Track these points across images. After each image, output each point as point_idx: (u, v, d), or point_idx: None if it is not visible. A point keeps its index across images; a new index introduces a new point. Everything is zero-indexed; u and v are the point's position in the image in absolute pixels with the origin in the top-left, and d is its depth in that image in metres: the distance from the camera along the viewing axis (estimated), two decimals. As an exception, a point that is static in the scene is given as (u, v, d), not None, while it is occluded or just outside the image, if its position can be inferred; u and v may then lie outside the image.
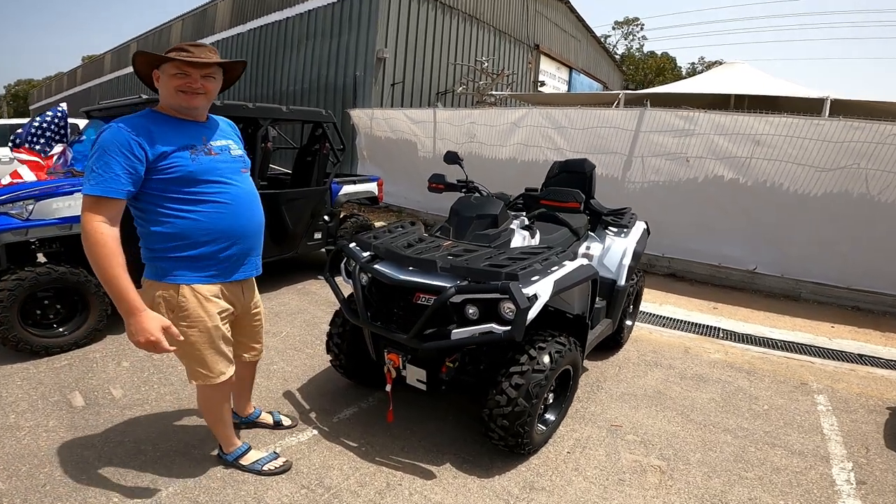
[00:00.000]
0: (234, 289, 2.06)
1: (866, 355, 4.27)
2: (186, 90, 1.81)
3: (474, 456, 2.54)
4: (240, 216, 1.96)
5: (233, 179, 1.95)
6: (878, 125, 5.12)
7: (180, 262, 1.88)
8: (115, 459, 2.35)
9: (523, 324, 2.12)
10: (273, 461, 2.33)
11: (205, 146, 1.89)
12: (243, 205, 1.98)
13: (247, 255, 2.05)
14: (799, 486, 2.49)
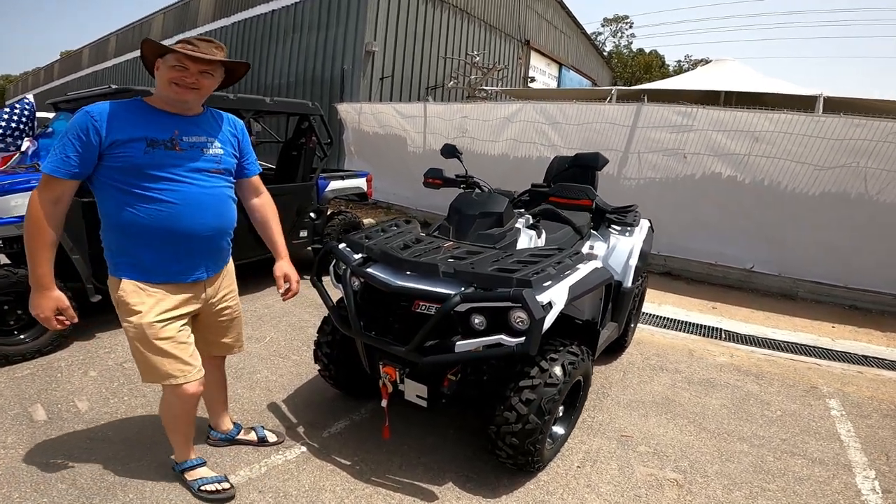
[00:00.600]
0: (186, 287, 1.92)
1: (871, 357, 4.16)
2: (180, 83, 1.76)
3: (478, 473, 2.34)
4: (185, 218, 1.81)
5: (190, 178, 1.82)
6: (879, 122, 5.03)
7: (122, 256, 1.82)
8: (79, 480, 2.11)
9: (539, 336, 1.91)
10: (214, 484, 2.10)
11: (170, 140, 1.78)
12: (194, 206, 1.82)
13: (195, 258, 1.90)
14: (824, 496, 2.34)
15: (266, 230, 2.25)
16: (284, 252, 2.25)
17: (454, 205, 2.74)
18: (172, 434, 2.11)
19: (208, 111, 1.96)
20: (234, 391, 2.92)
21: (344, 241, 2.55)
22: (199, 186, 1.84)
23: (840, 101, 8.05)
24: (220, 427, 2.41)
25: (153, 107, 1.80)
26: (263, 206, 2.23)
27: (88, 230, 3.27)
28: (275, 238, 2.25)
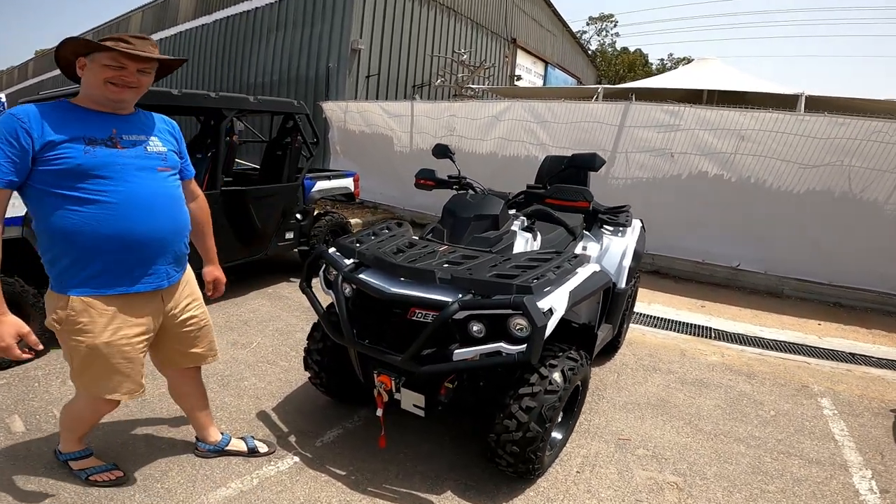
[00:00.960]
0: (144, 300, 1.82)
1: (859, 354, 4.20)
2: (118, 83, 1.68)
3: (477, 481, 2.28)
4: (131, 220, 1.71)
5: (134, 178, 1.72)
6: (863, 121, 5.09)
7: (68, 269, 1.70)
8: (62, 494, 2.01)
9: (540, 344, 1.85)
10: (105, 473, 2.10)
11: (110, 139, 1.70)
12: (146, 208, 1.74)
13: (151, 263, 1.80)
14: (824, 497, 2.34)
15: (201, 236, 2.20)
16: (215, 258, 2.27)
17: (448, 207, 2.67)
18: (69, 432, 2.09)
19: (139, 111, 1.88)
20: (221, 399, 2.83)
21: (334, 245, 2.47)
22: (148, 186, 1.75)
23: (821, 100, 8.17)
24: (208, 439, 2.32)
25: (83, 107, 1.71)
26: (201, 210, 2.17)
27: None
28: (208, 244, 2.23)
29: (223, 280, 2.29)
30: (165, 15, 17.34)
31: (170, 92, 3.69)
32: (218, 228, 3.99)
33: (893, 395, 3.47)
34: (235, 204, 4.12)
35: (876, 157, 5.05)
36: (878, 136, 4.99)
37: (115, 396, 1.84)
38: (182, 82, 15.74)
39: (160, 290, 1.85)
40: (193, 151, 4.13)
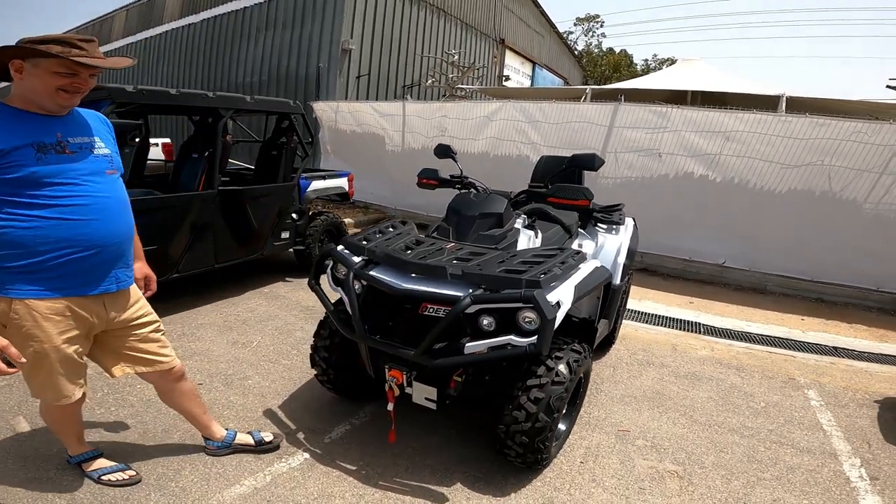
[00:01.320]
0: (88, 304, 1.78)
1: (841, 348, 4.36)
2: (71, 90, 1.64)
3: (485, 473, 2.34)
4: (95, 223, 1.71)
5: (92, 181, 1.72)
6: (842, 122, 5.27)
7: (13, 272, 1.65)
8: (77, 495, 2.02)
9: (550, 335, 1.93)
10: (117, 473, 2.12)
11: (58, 143, 1.67)
12: (102, 211, 1.74)
13: (105, 268, 1.79)
14: (816, 484, 2.44)
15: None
16: (142, 254, 2.19)
17: (452, 206, 2.72)
18: (61, 434, 2.10)
19: (74, 110, 1.80)
20: (227, 398, 2.85)
21: (342, 243, 2.51)
22: (100, 191, 1.74)
23: (802, 101, 8.39)
24: (214, 436, 2.33)
25: (21, 109, 1.64)
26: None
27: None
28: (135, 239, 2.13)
29: (154, 277, 2.23)
30: (151, 14, 17.10)
31: (168, 91, 3.68)
32: (215, 228, 4.03)
33: (876, 387, 3.61)
34: (232, 204, 4.13)
35: (855, 157, 5.23)
36: (857, 137, 5.17)
37: (63, 402, 1.85)
38: (168, 81, 15.54)
39: (106, 294, 1.82)
40: (189, 152, 4.14)
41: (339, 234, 5.37)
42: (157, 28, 16.36)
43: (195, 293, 4.37)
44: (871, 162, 5.17)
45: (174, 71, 15.41)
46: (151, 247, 3.54)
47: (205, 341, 3.56)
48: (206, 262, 4.05)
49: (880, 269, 5.41)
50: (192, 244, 3.87)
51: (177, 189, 4.05)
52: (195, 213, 3.80)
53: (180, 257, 3.82)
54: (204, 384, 2.98)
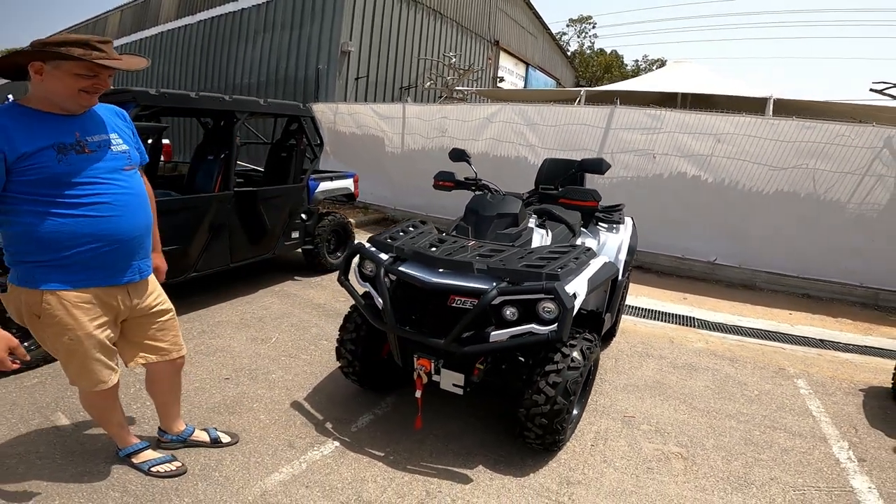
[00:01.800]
0: (114, 293, 1.90)
1: (828, 340, 4.59)
2: (91, 90, 1.71)
3: (505, 456, 2.52)
4: (118, 219, 1.81)
5: (112, 179, 1.81)
6: (828, 125, 5.52)
7: (45, 266, 1.73)
8: (129, 487, 2.14)
9: (569, 324, 2.11)
10: (165, 464, 2.23)
11: (77, 143, 1.73)
12: (123, 207, 1.83)
13: (128, 260, 1.89)
14: (809, 465, 2.64)
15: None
16: (159, 245, 2.25)
17: (471, 207, 2.90)
18: (106, 425, 2.20)
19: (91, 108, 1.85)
20: (254, 392, 2.99)
21: (370, 242, 2.67)
22: (120, 187, 1.82)
23: (789, 103, 8.67)
24: (172, 429, 2.39)
25: (39, 110, 1.69)
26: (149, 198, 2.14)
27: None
28: (155, 230, 2.18)
29: (164, 268, 2.27)
30: (146, 15, 17.01)
31: (188, 95, 3.80)
32: (231, 228, 4.16)
33: (861, 376, 3.84)
34: (247, 205, 4.25)
35: (839, 160, 5.48)
36: (840, 140, 5.42)
37: (100, 388, 1.93)
38: (163, 82, 15.50)
39: (130, 283, 1.92)
40: (204, 154, 4.26)
41: (345, 233, 5.52)
42: (153, 29, 16.31)
43: (210, 292, 4.50)
44: (855, 164, 5.43)
45: (170, 72, 15.37)
46: (172, 246, 3.68)
47: (225, 338, 3.69)
48: (222, 261, 4.18)
49: (864, 266, 5.67)
50: (210, 244, 4.00)
51: (193, 190, 4.17)
52: (213, 213, 3.93)
53: (199, 256, 3.95)
54: (230, 378, 3.12)
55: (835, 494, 2.40)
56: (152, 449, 2.29)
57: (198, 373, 3.16)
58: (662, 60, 34.49)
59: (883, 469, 2.63)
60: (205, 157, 4.27)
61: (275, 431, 2.61)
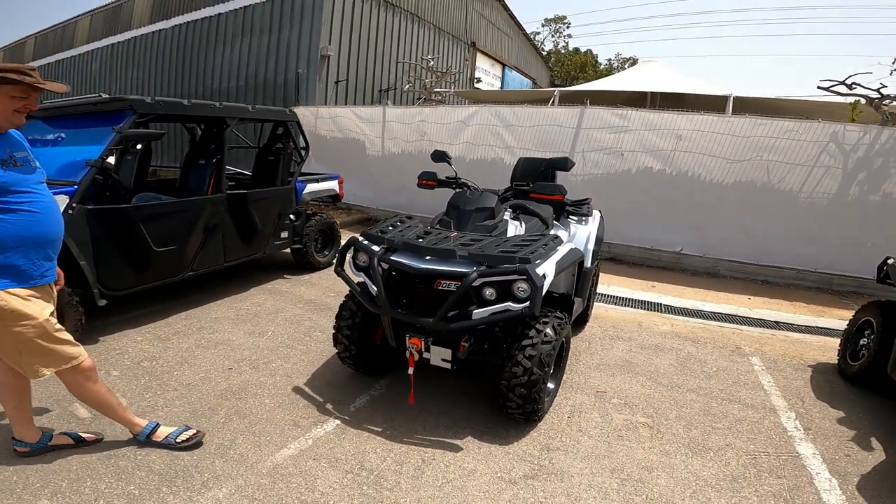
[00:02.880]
0: (47, 290, 2.17)
1: (781, 322, 5.01)
2: (22, 110, 2.01)
3: (490, 427, 2.80)
4: (46, 224, 2.08)
5: (37, 189, 2.08)
6: (777, 121, 5.97)
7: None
8: (154, 466, 2.34)
9: (539, 300, 2.43)
10: (184, 433, 2.48)
11: (10, 158, 2.01)
12: (49, 214, 2.11)
13: (50, 261, 2.17)
14: (760, 433, 2.97)
15: None
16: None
17: (452, 202, 3.20)
18: (110, 410, 2.37)
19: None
20: (257, 379, 3.22)
21: (363, 235, 2.94)
22: (46, 196, 2.11)
23: (748, 101, 9.15)
24: (31, 436, 2.35)
25: None
26: None
27: (93, 237, 3.41)
28: None
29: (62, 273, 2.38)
30: (117, 20, 16.78)
31: (181, 102, 3.99)
32: (225, 229, 4.36)
33: (810, 354, 4.24)
34: (239, 206, 4.46)
35: (788, 153, 5.92)
36: (789, 135, 5.86)
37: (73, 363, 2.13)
38: (137, 87, 15.35)
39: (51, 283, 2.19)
40: (195, 158, 4.45)
41: (332, 233, 5.75)
42: (125, 34, 16.14)
43: (205, 291, 4.69)
44: (804, 156, 5.88)
45: (144, 76, 15.24)
46: (170, 247, 3.87)
47: (223, 332, 3.90)
48: (216, 260, 4.37)
49: (817, 253, 6.14)
50: (205, 244, 4.20)
51: (186, 194, 4.35)
52: (207, 215, 4.12)
53: (194, 256, 4.14)
54: (233, 368, 3.34)
55: (782, 459, 2.71)
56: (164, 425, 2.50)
57: (202, 364, 3.37)
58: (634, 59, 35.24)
59: (826, 437, 2.96)
60: (196, 162, 4.45)
61: (280, 413, 2.85)
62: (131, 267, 3.69)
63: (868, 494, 2.43)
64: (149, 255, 3.75)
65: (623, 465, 2.57)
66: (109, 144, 3.45)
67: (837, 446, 2.87)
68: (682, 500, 2.32)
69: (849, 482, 2.52)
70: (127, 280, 3.70)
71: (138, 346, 3.56)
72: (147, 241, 3.70)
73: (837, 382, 3.71)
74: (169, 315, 4.13)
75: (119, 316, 3.98)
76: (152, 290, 4.09)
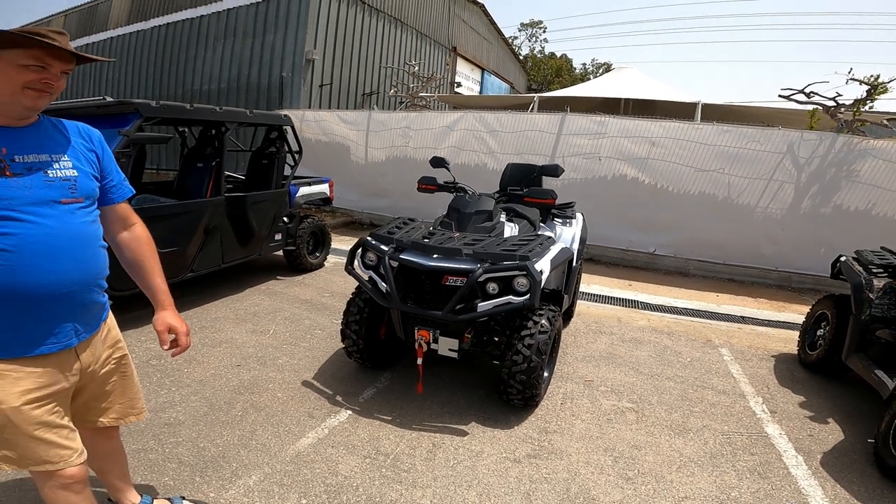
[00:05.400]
0: (50, 361, 1.45)
1: (747, 316, 5.40)
2: (39, 87, 1.34)
3: (492, 414, 3.04)
4: (28, 271, 1.33)
5: (33, 214, 1.34)
6: (741, 129, 6.40)
7: None
8: (183, 458, 2.48)
9: (538, 294, 2.70)
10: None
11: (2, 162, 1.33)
12: (41, 254, 1.35)
13: (50, 324, 1.42)
14: (732, 416, 3.28)
15: (141, 272, 1.73)
16: (169, 300, 1.78)
17: (453, 205, 3.44)
18: None
19: (45, 119, 1.48)
20: (266, 375, 3.37)
21: (371, 236, 3.14)
22: (45, 225, 1.36)
23: (717, 108, 9.64)
24: (123, 502, 1.95)
25: None
26: (137, 241, 1.73)
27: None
28: (155, 282, 1.75)
29: (183, 330, 1.78)
30: (93, 20, 16.44)
31: (184, 107, 4.10)
32: (223, 231, 4.48)
33: (773, 345, 4.60)
34: (236, 209, 4.58)
35: (752, 160, 6.35)
36: (753, 145, 6.29)
37: (46, 468, 1.46)
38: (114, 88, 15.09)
39: (71, 348, 1.49)
40: (193, 161, 4.56)
41: (323, 235, 5.90)
42: (101, 34, 15.85)
43: (202, 292, 4.78)
44: (765, 162, 6.31)
45: (122, 77, 14.99)
46: (171, 248, 3.98)
47: (226, 332, 4.02)
48: (215, 261, 4.49)
49: (779, 253, 6.57)
50: (205, 245, 4.31)
51: (184, 196, 4.44)
52: (208, 217, 4.24)
53: (195, 258, 4.25)
54: (242, 365, 3.48)
55: (753, 438, 3.02)
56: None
57: (210, 362, 3.50)
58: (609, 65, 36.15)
59: (790, 419, 3.29)
60: (194, 165, 4.55)
61: (294, 406, 3.02)
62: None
63: (830, 469, 2.74)
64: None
65: (614, 444, 2.83)
66: (117, 147, 3.54)
67: (801, 427, 3.19)
68: (671, 474, 2.59)
69: (813, 458, 2.83)
70: (129, 281, 3.77)
71: (143, 346, 3.66)
72: (150, 242, 3.78)
73: (798, 370, 4.07)
74: (169, 315, 4.21)
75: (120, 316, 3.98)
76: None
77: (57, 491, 1.51)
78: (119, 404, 1.76)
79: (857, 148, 6.03)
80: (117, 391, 1.74)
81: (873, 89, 6.82)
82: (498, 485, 2.42)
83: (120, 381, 1.74)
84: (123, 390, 1.76)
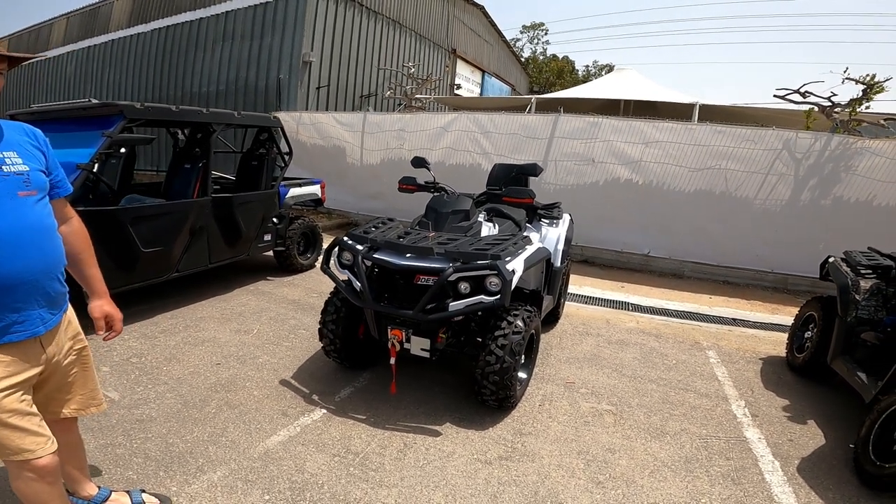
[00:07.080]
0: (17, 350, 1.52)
1: (738, 319, 5.35)
2: None
3: (467, 415, 3.02)
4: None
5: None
6: (735, 129, 6.35)
7: None
8: (150, 453, 2.49)
9: (509, 293, 2.68)
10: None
11: None
12: (9, 243, 1.44)
13: (17, 311, 1.49)
14: (712, 419, 3.24)
15: (80, 265, 1.81)
16: (103, 288, 1.88)
17: (430, 205, 3.43)
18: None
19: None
20: (244, 373, 3.38)
21: (347, 236, 3.14)
22: (9, 217, 1.45)
23: (714, 109, 9.58)
24: (80, 493, 1.99)
25: None
26: (75, 234, 1.80)
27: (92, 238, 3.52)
28: (89, 273, 1.83)
29: (118, 316, 1.90)
30: (94, 23, 16.59)
31: (170, 108, 4.13)
32: (210, 231, 4.49)
33: (762, 348, 4.56)
34: (224, 209, 4.59)
35: (745, 160, 6.30)
36: (747, 145, 6.24)
37: (25, 456, 1.51)
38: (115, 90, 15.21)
39: (37, 336, 1.56)
40: (181, 162, 4.58)
41: (314, 236, 5.91)
42: (102, 37, 15.99)
43: (189, 292, 4.80)
44: (759, 164, 6.26)
45: (122, 79, 15.11)
46: (157, 248, 4.00)
47: (209, 331, 4.04)
48: (202, 262, 4.50)
49: (773, 255, 6.51)
50: (191, 245, 4.33)
51: (171, 197, 4.47)
52: (194, 217, 4.26)
53: (181, 258, 4.26)
54: (222, 364, 3.49)
55: (731, 443, 2.98)
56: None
57: (190, 360, 3.51)
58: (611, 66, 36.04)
59: (772, 423, 3.25)
60: (182, 166, 4.57)
61: (269, 404, 3.02)
62: (119, 267, 3.80)
63: (807, 475, 2.69)
64: (136, 255, 3.86)
65: (589, 447, 2.81)
66: (100, 149, 3.57)
67: (781, 431, 3.14)
68: (642, 479, 2.57)
69: (790, 464, 2.79)
70: (115, 280, 3.80)
71: (126, 344, 3.67)
72: (135, 242, 3.81)
73: (785, 373, 4.02)
74: (155, 315, 4.23)
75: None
76: (138, 291, 4.19)
77: (31, 483, 1.56)
78: (80, 395, 1.84)
79: (853, 148, 5.97)
80: (78, 382, 1.82)
81: (869, 88, 6.76)
82: (465, 486, 2.41)
83: (81, 372, 1.82)
84: (84, 381, 1.85)
